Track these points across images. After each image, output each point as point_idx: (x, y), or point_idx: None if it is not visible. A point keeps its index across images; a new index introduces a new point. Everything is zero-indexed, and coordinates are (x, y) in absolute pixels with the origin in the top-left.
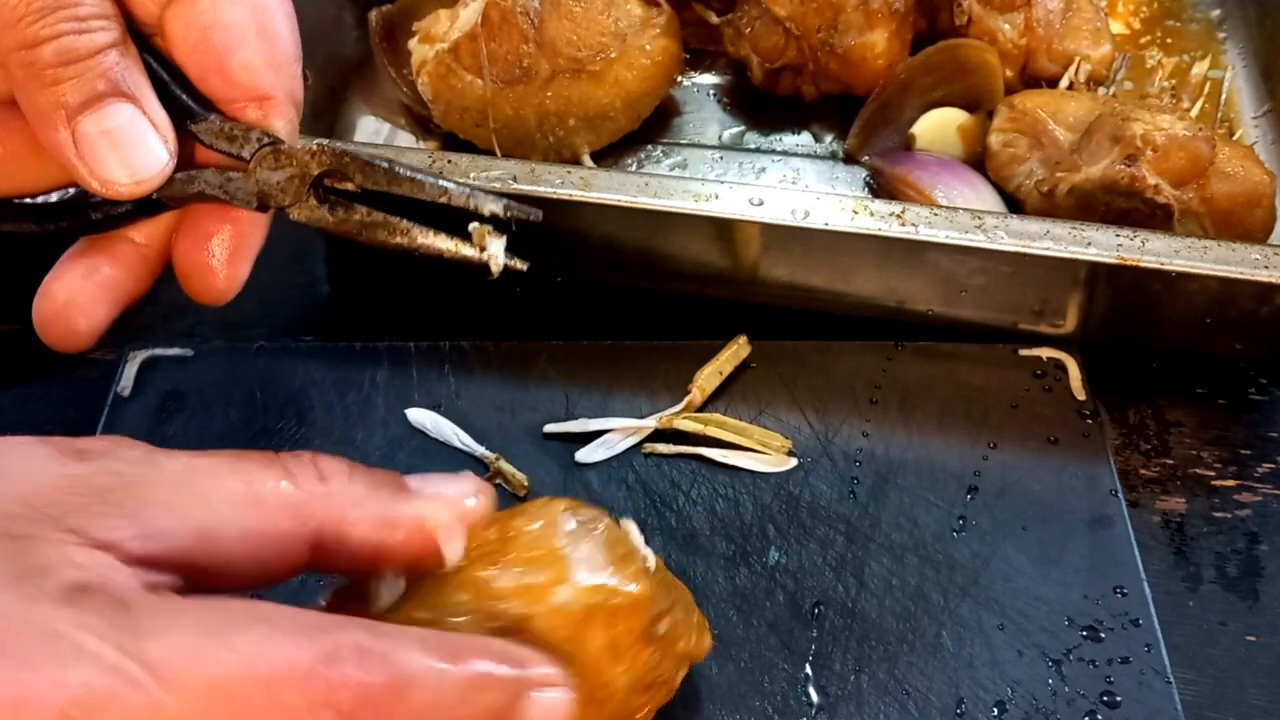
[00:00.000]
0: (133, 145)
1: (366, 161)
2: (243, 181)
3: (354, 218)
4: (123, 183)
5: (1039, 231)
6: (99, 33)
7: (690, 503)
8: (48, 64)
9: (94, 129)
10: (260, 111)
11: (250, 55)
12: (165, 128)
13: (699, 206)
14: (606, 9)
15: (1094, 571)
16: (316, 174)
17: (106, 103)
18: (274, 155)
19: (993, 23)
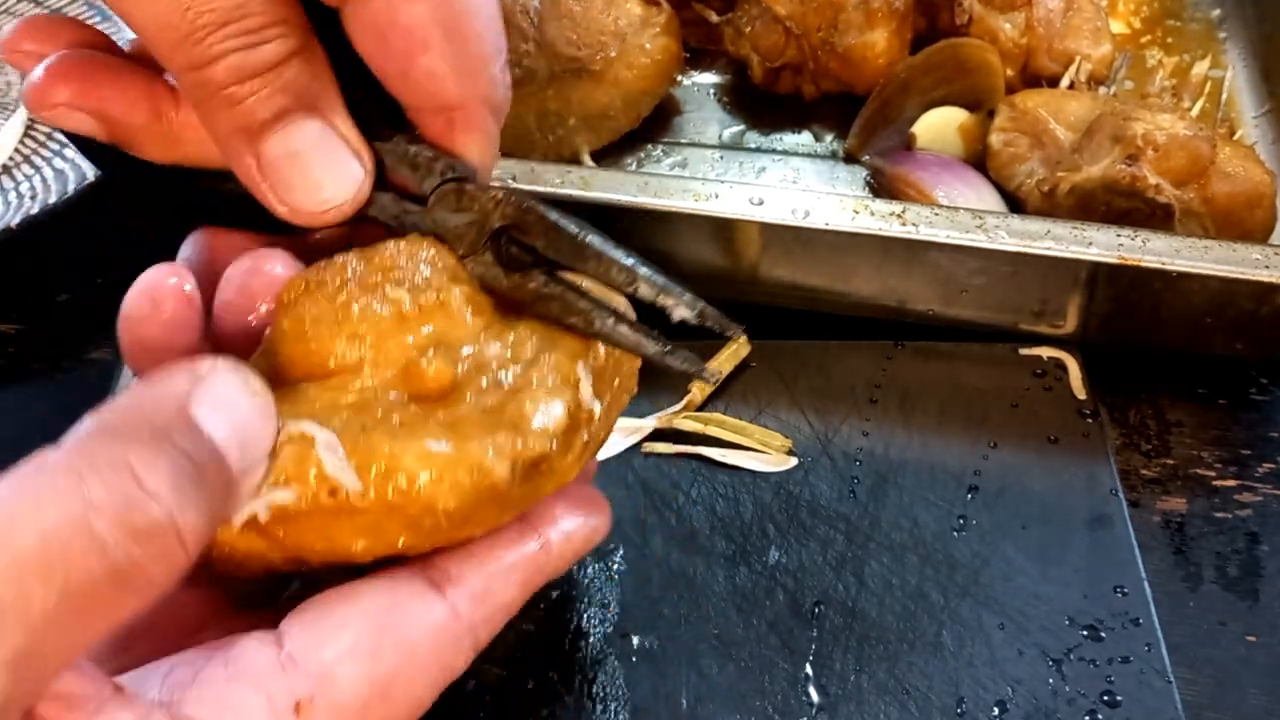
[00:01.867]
0: (323, 166)
1: (553, 225)
2: (420, 217)
3: (529, 285)
4: (312, 210)
5: (1040, 231)
6: (275, 43)
7: (690, 502)
8: (220, 84)
9: (279, 151)
10: (448, 124)
11: (434, 61)
12: (358, 143)
13: (699, 206)
14: (606, 8)
15: (1094, 571)
16: (497, 226)
17: (290, 120)
18: (456, 195)
19: (993, 22)
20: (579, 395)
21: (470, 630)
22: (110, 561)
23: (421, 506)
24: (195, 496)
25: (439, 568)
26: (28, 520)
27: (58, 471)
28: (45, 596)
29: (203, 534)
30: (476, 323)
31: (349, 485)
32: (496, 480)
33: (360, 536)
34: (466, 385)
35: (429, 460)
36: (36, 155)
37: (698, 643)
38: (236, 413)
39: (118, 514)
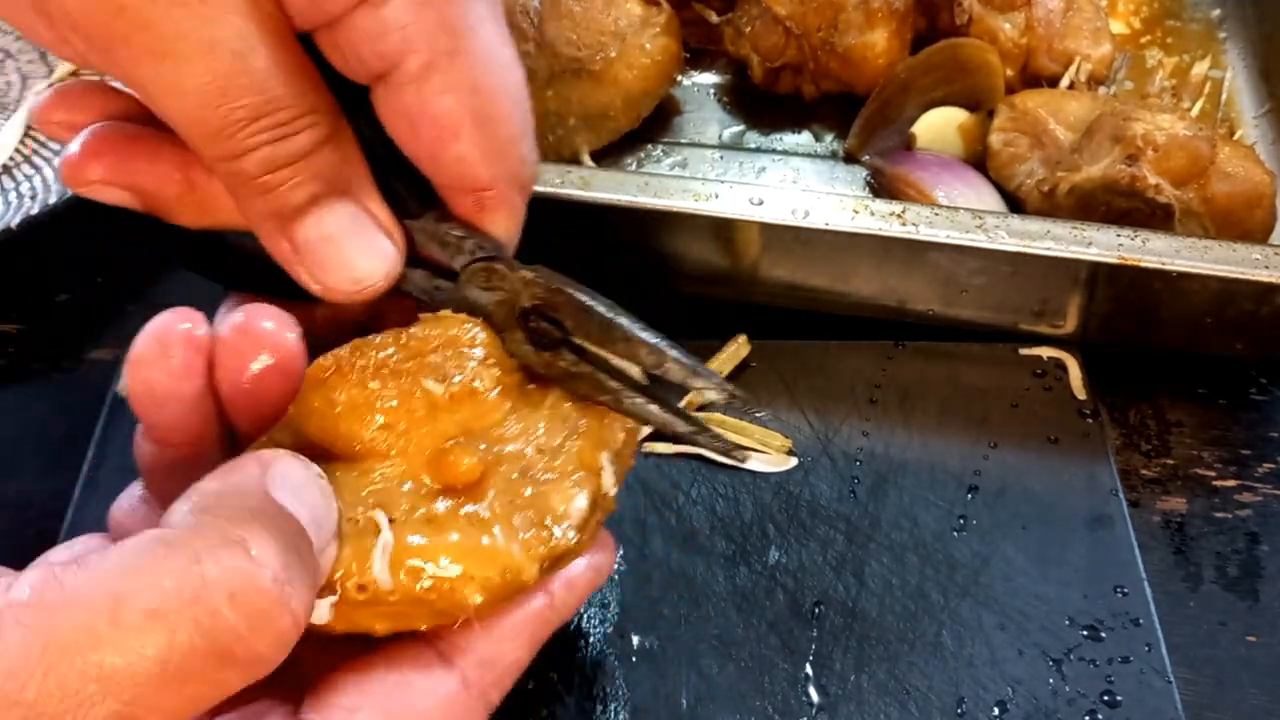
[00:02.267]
0: (356, 247)
1: (581, 306)
2: (451, 293)
3: (560, 364)
4: (348, 289)
5: (1040, 231)
6: (304, 133)
7: (690, 503)
8: (253, 175)
9: (313, 235)
10: (478, 203)
11: (464, 148)
12: (390, 223)
13: (699, 206)
14: (606, 8)
15: (1094, 571)
16: (526, 306)
17: (323, 205)
18: (486, 274)
19: (993, 22)
20: (601, 484)
21: (482, 696)
22: (217, 638)
23: (452, 603)
24: (300, 572)
25: (447, 639)
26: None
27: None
28: (148, 669)
29: (308, 609)
30: (505, 407)
31: (381, 582)
32: (526, 579)
33: (382, 622)
34: (493, 475)
35: (460, 560)
36: (37, 155)
37: (698, 643)
38: (308, 496)
39: (232, 591)
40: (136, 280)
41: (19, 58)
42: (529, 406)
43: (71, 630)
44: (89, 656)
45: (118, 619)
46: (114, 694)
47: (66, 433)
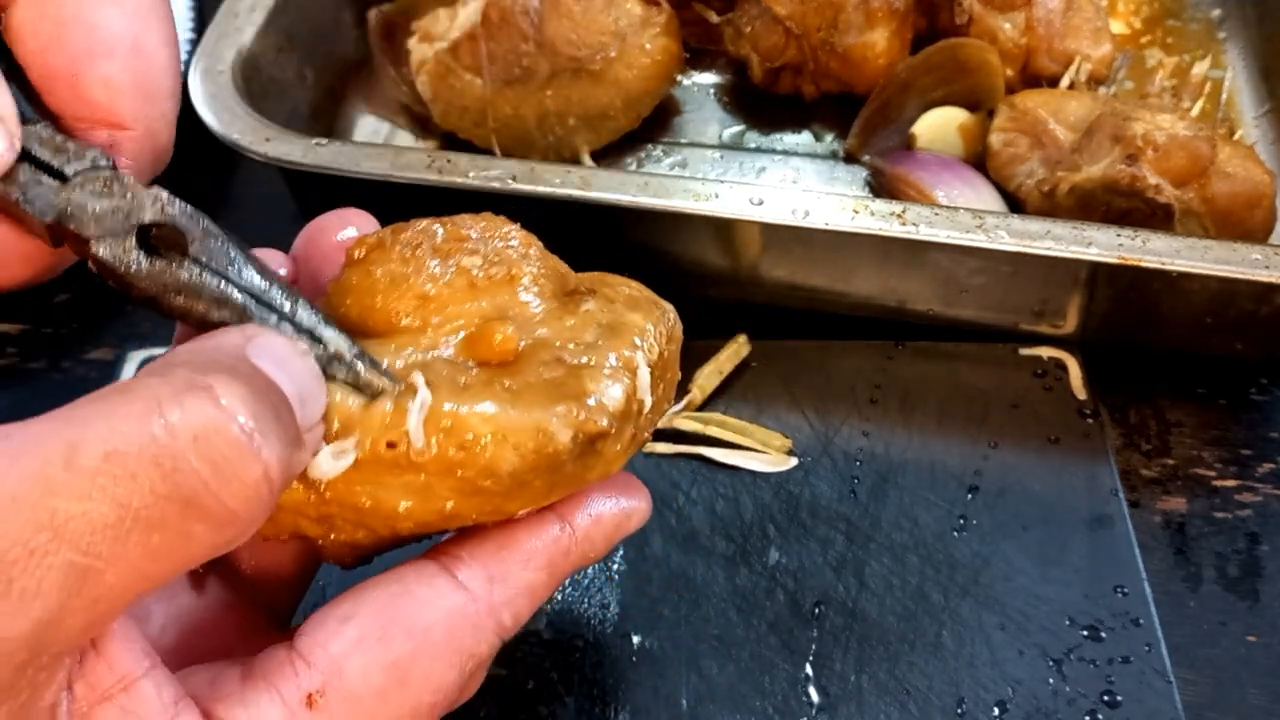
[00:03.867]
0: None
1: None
2: (52, 193)
3: (179, 272)
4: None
5: (1040, 231)
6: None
7: (690, 503)
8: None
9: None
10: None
11: (116, 71)
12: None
13: (699, 206)
14: (606, 8)
15: (1094, 571)
16: (147, 222)
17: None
18: (107, 182)
19: (993, 22)
20: (636, 383)
21: (490, 612)
22: (182, 484)
23: (481, 467)
24: (277, 429)
25: (452, 553)
26: (96, 438)
27: (134, 393)
28: (105, 514)
29: (283, 470)
30: (543, 305)
31: (415, 440)
32: (559, 448)
33: (408, 496)
34: (529, 357)
35: (495, 421)
36: None
37: (698, 643)
38: (292, 368)
39: (196, 435)
40: None
41: None
42: (565, 311)
43: (21, 479)
44: (41, 503)
45: (72, 463)
46: (69, 543)
47: None
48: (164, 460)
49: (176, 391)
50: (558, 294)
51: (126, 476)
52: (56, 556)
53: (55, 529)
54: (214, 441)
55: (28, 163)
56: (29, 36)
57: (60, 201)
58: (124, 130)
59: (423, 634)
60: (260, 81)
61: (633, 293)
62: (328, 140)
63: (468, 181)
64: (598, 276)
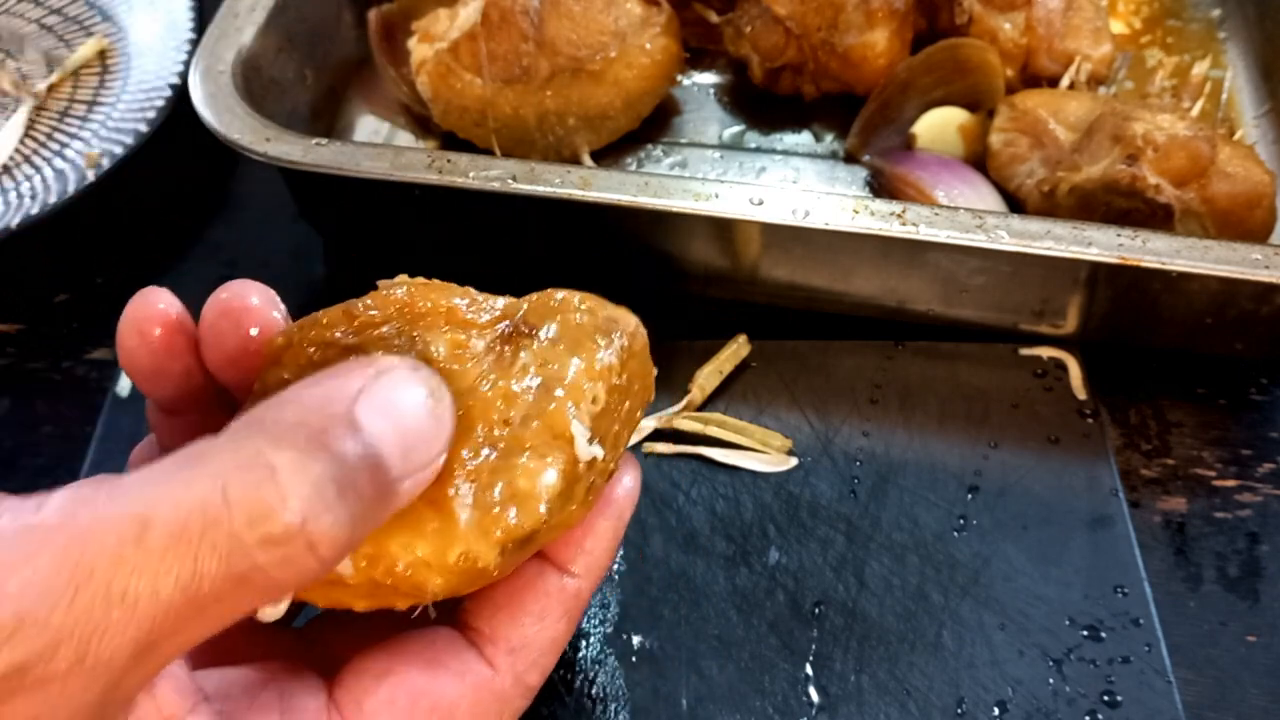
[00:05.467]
0: None
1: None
2: None
3: None
4: None
5: (1040, 231)
6: None
7: (690, 503)
8: None
9: None
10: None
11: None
12: None
13: (699, 206)
14: (606, 8)
15: (1095, 571)
16: None
17: None
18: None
19: (993, 22)
20: (574, 451)
21: (516, 681)
22: (236, 564)
23: (412, 586)
24: (336, 504)
25: (475, 627)
26: (165, 517)
27: (201, 465)
28: (171, 595)
29: (343, 541)
30: (471, 370)
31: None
32: (485, 565)
33: (360, 600)
34: (453, 454)
35: (414, 547)
36: (36, 155)
37: (698, 643)
38: (404, 413)
39: (251, 517)
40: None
41: (19, 58)
42: (497, 369)
43: (99, 554)
44: (115, 582)
45: (144, 543)
46: (137, 622)
47: (66, 433)
48: (221, 543)
49: (240, 468)
50: (492, 346)
51: (191, 559)
52: (126, 635)
53: (126, 607)
54: (266, 526)
55: None
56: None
57: None
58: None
59: (449, 708)
60: (260, 81)
61: (580, 321)
62: (328, 140)
63: (468, 181)
64: (545, 303)
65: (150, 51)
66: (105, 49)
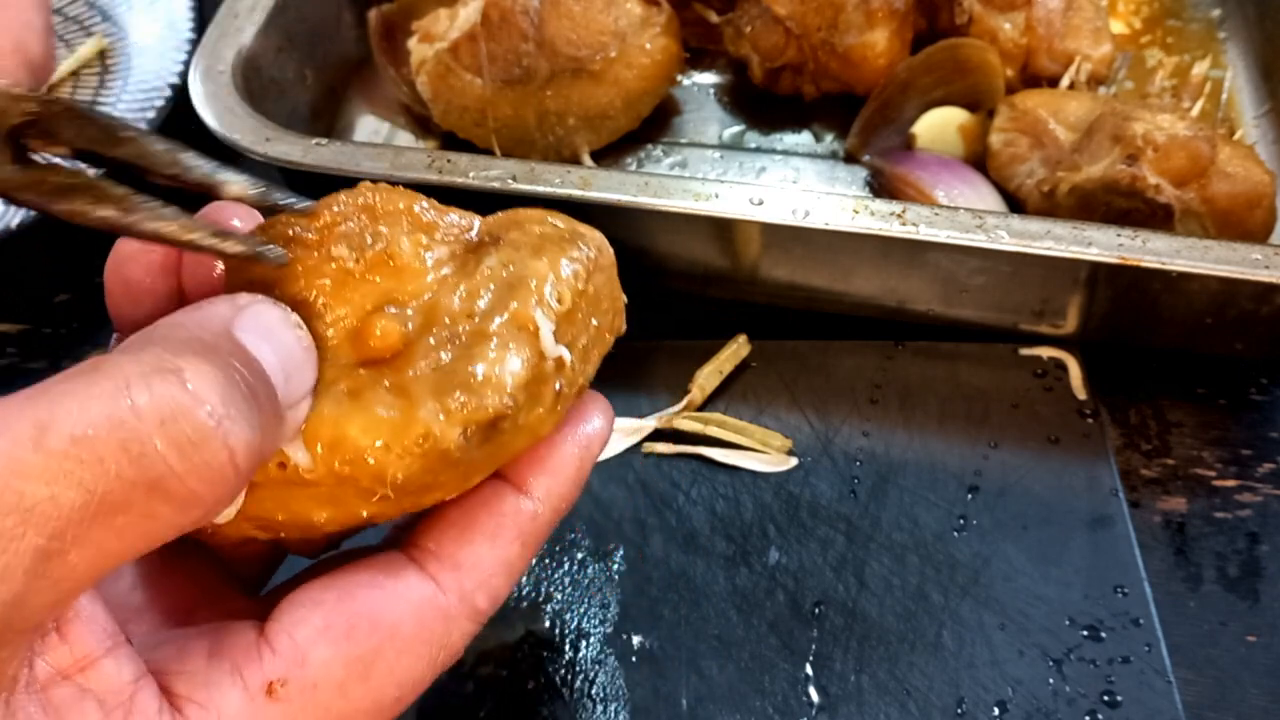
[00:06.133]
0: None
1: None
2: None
3: (51, 178)
4: None
5: (1040, 231)
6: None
7: (690, 503)
8: None
9: None
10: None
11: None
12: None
13: (699, 206)
14: (606, 8)
15: (1095, 571)
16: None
17: None
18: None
19: (993, 22)
20: (539, 344)
21: (463, 599)
22: (148, 468)
23: (371, 477)
24: (247, 412)
25: (419, 545)
26: (65, 419)
27: (103, 373)
28: (73, 499)
29: (252, 454)
30: (427, 275)
31: (297, 459)
32: (448, 446)
33: (320, 508)
34: (417, 344)
35: (375, 430)
36: None
37: (698, 643)
38: (281, 342)
39: (162, 418)
40: None
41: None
42: (462, 274)
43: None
44: (9, 485)
45: (41, 445)
46: (35, 526)
47: None
48: (130, 444)
49: (145, 373)
50: (455, 253)
51: (93, 460)
52: (23, 541)
53: (23, 512)
54: (180, 426)
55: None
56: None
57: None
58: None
59: (389, 628)
60: (260, 81)
61: (544, 230)
62: (328, 140)
63: (468, 181)
64: (510, 218)
65: (150, 51)
66: (105, 49)
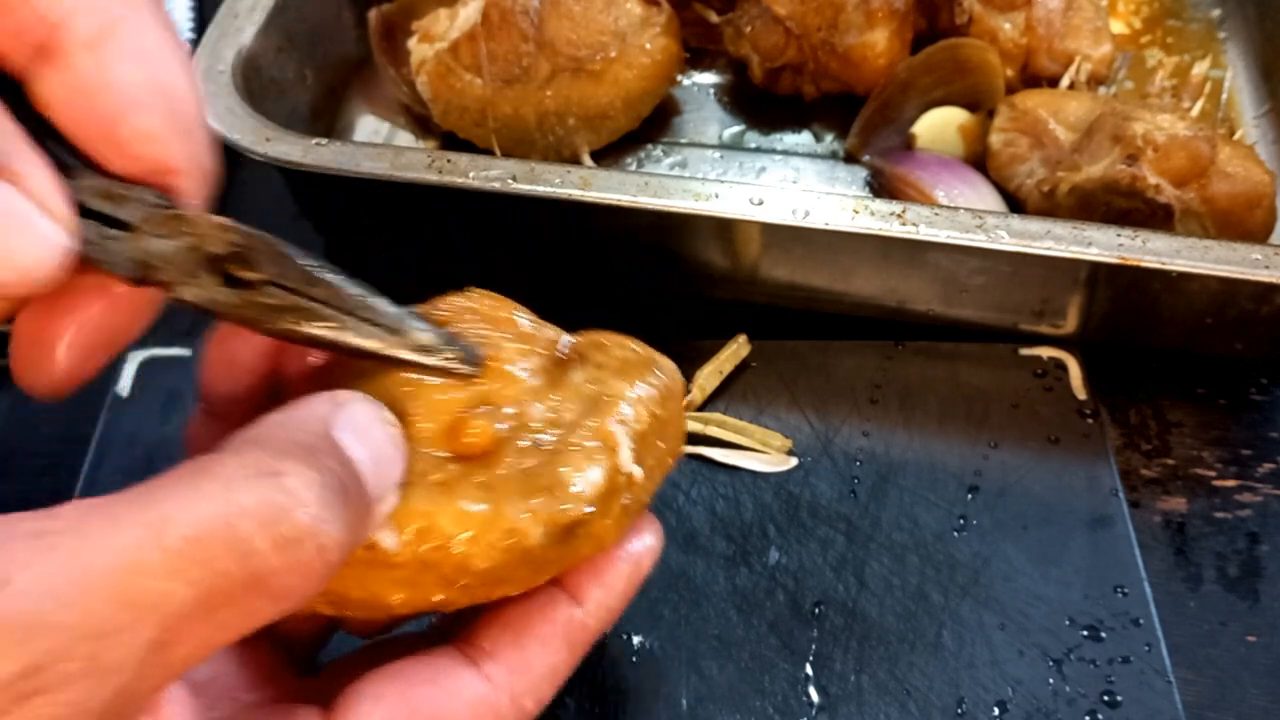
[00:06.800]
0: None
1: (279, 253)
2: (124, 244)
3: (262, 300)
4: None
5: (1040, 231)
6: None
7: (690, 503)
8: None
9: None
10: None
11: (148, 120)
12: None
13: (699, 206)
14: (606, 8)
15: (1095, 571)
16: (219, 253)
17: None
18: (169, 220)
19: (993, 22)
20: (618, 460)
21: (513, 701)
22: (251, 567)
23: (455, 566)
24: (341, 511)
25: (474, 644)
26: (177, 520)
27: (210, 474)
28: (186, 596)
29: (343, 549)
30: (522, 383)
31: (385, 543)
32: (530, 544)
33: (397, 589)
34: (507, 446)
35: (464, 522)
36: None
37: (698, 643)
38: (373, 440)
39: (264, 520)
40: None
41: None
42: (551, 385)
43: (112, 556)
44: (130, 582)
45: (158, 544)
46: (150, 621)
47: (66, 433)
48: (237, 545)
49: (249, 476)
50: (545, 366)
51: (205, 559)
52: (139, 634)
53: (141, 607)
54: (280, 528)
55: (93, 219)
56: (60, 108)
57: (135, 252)
58: (173, 174)
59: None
60: (260, 81)
61: (626, 355)
62: (328, 140)
63: (468, 181)
64: (594, 340)
65: None
66: None
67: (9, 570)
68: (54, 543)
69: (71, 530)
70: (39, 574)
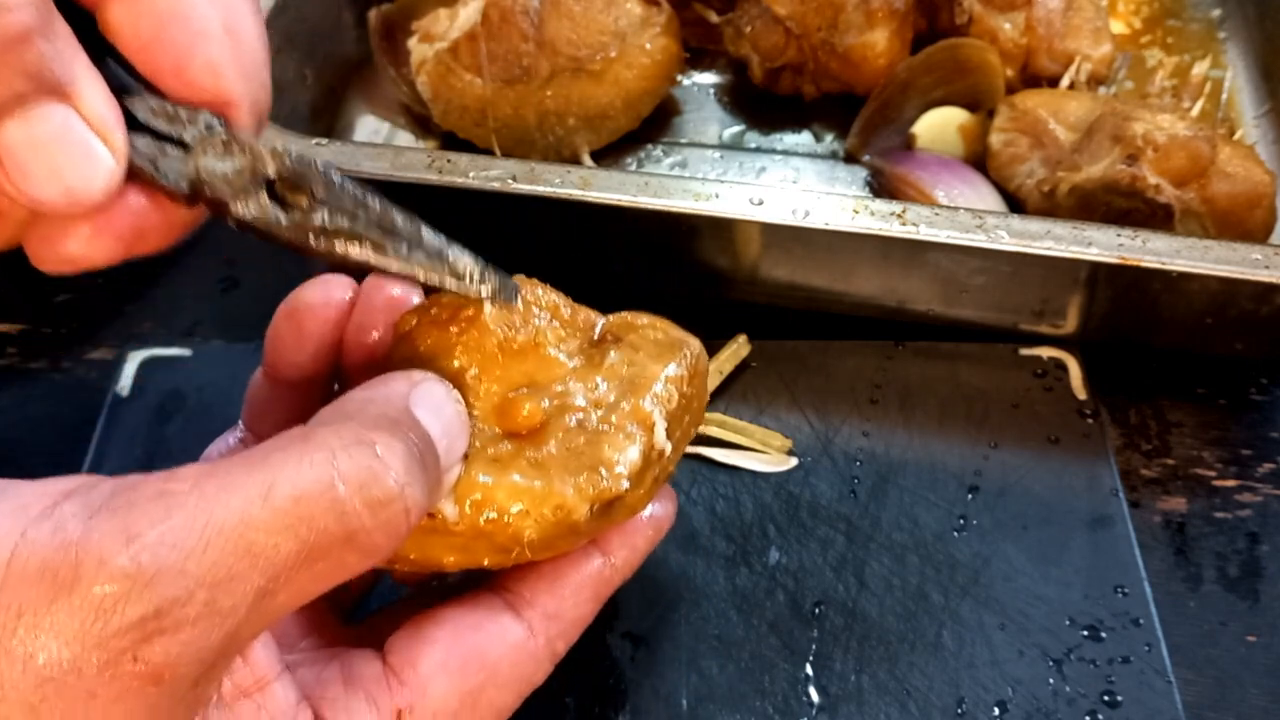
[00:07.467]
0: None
1: (331, 179)
2: (180, 161)
3: (310, 222)
4: (57, 201)
5: (1040, 231)
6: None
7: (690, 503)
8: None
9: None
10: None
11: (216, 54)
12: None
13: (699, 206)
14: (606, 8)
15: (1095, 571)
16: (271, 176)
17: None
18: (224, 143)
19: (993, 22)
20: (653, 438)
21: (548, 644)
22: (346, 525)
23: (508, 536)
24: (421, 477)
25: (515, 591)
26: (285, 482)
27: (313, 444)
28: (290, 548)
29: (421, 512)
30: (565, 365)
31: (446, 512)
32: (577, 518)
33: (451, 553)
34: (553, 424)
35: (518, 496)
36: None
37: (698, 643)
38: (445, 415)
39: (361, 484)
40: (136, 280)
41: None
42: (590, 366)
43: (228, 512)
44: (243, 535)
45: (269, 503)
46: (261, 570)
47: (66, 433)
48: (336, 504)
49: (346, 444)
50: (583, 347)
51: (308, 516)
52: (249, 582)
53: (252, 557)
54: (373, 491)
55: (149, 135)
56: (129, 35)
57: (189, 170)
58: (233, 106)
59: (493, 666)
60: None
61: (658, 336)
62: (328, 140)
63: (468, 181)
64: (625, 320)
65: None
66: None
67: (140, 526)
68: (178, 502)
69: (192, 490)
70: (166, 530)
